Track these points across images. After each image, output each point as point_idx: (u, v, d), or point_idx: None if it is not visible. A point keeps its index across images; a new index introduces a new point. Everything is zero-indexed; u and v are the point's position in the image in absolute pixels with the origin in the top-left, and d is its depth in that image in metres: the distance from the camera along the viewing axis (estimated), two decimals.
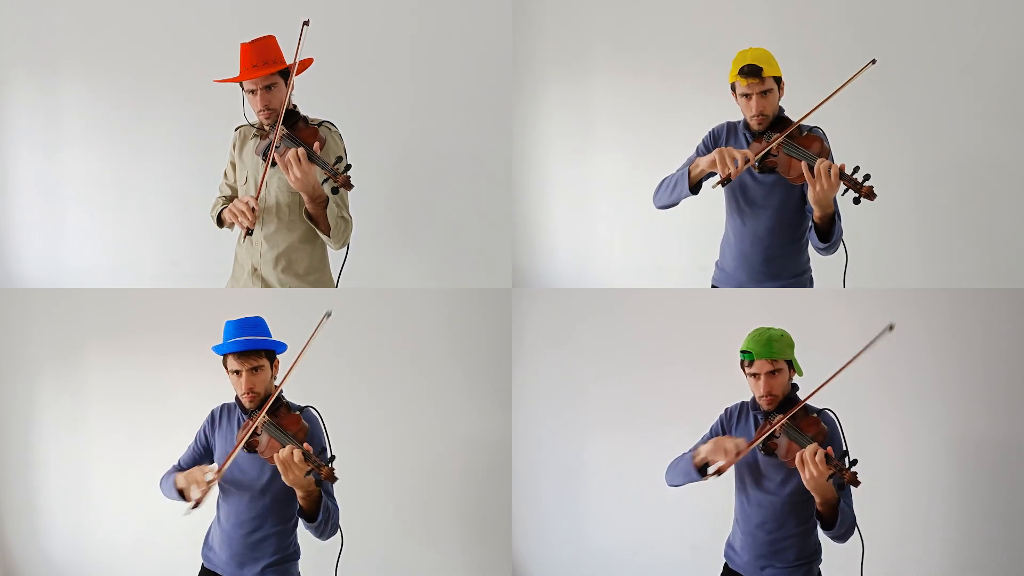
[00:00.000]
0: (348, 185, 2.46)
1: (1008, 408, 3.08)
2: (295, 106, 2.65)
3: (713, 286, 2.83)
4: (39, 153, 3.58)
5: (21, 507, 3.46)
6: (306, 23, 2.51)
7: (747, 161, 2.48)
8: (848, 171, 2.38)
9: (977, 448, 3.10)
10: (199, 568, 2.55)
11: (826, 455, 2.21)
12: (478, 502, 3.31)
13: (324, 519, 2.32)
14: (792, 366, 2.43)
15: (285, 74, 2.61)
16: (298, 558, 2.52)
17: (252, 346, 2.39)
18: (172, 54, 3.50)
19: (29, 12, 3.53)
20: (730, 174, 2.47)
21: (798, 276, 2.69)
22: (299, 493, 2.28)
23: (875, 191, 2.36)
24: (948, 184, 3.39)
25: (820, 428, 2.36)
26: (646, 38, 3.57)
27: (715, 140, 2.67)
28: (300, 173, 2.44)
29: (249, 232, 2.62)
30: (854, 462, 2.23)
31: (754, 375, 2.41)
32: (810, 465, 2.22)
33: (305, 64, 2.66)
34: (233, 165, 2.76)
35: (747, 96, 2.52)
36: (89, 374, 3.42)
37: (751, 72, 2.48)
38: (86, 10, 3.52)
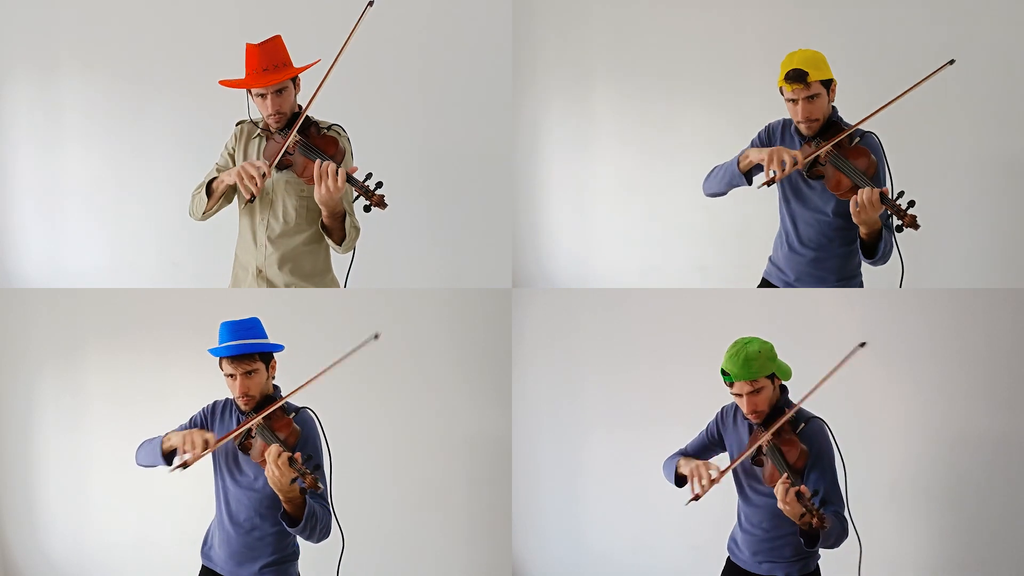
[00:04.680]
0: (382, 204, 2.44)
1: (1008, 407, 3.08)
2: (300, 106, 2.63)
3: (764, 279, 2.79)
4: (39, 153, 3.58)
5: (21, 507, 3.46)
6: (370, 3, 2.50)
7: (795, 164, 2.45)
8: (892, 196, 2.37)
9: (977, 447, 3.10)
10: (199, 568, 2.54)
11: (798, 493, 2.20)
12: (478, 502, 3.31)
13: (309, 525, 2.30)
14: (777, 375, 2.41)
15: (293, 76, 2.59)
16: (297, 558, 2.52)
17: (246, 350, 2.37)
18: (172, 53, 3.50)
19: (29, 10, 3.53)
20: (775, 175, 2.46)
21: (847, 279, 2.66)
22: (281, 497, 2.27)
23: (918, 221, 2.34)
24: (951, 183, 3.39)
25: (800, 450, 2.35)
26: (646, 40, 3.57)
27: (770, 135, 2.64)
28: (335, 188, 2.41)
29: (251, 200, 2.54)
30: (824, 502, 2.24)
31: (737, 395, 2.41)
32: (781, 503, 2.22)
33: (313, 66, 2.64)
34: (230, 157, 2.73)
35: (793, 101, 2.49)
36: (89, 374, 3.42)
37: (795, 77, 2.44)
38: (86, 9, 3.52)
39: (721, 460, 2.53)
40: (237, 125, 2.73)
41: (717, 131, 3.12)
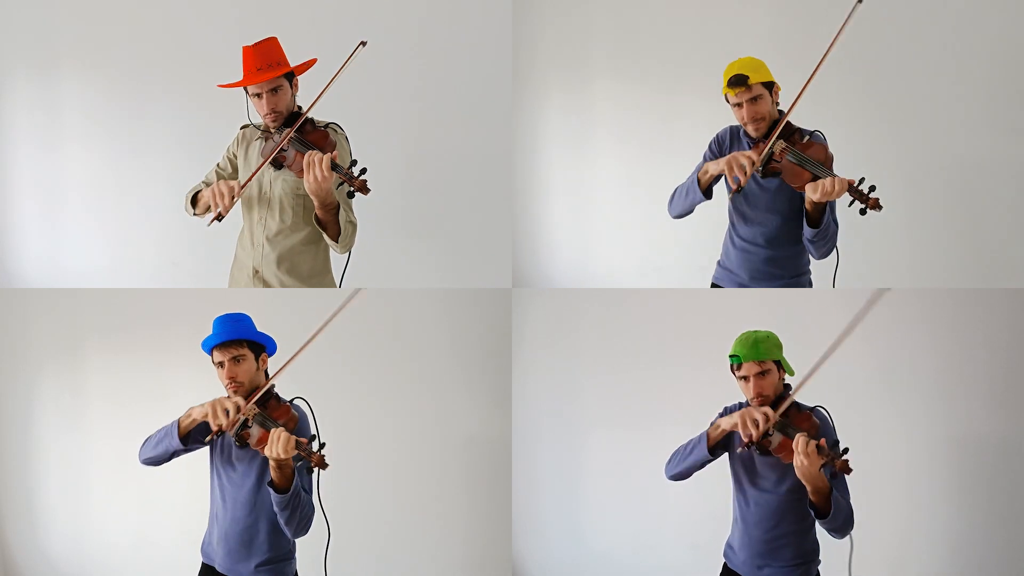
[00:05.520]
0: (365, 189, 2.44)
1: (1007, 408, 3.08)
2: (299, 107, 2.64)
3: (714, 284, 2.83)
4: (39, 153, 3.58)
5: (21, 507, 3.46)
6: (363, 43, 2.54)
7: (753, 164, 2.52)
8: (855, 184, 2.41)
9: (976, 447, 3.10)
10: (200, 565, 2.55)
11: (818, 446, 2.23)
12: (478, 502, 3.31)
13: (291, 503, 2.31)
14: (781, 366, 2.44)
15: (289, 75, 2.60)
16: (292, 557, 2.52)
17: (233, 335, 2.40)
18: (172, 53, 3.50)
19: (29, 10, 3.53)
20: (740, 183, 2.53)
21: (798, 276, 2.71)
22: (271, 464, 2.28)
23: (881, 203, 2.38)
24: (948, 184, 3.39)
25: (812, 423, 2.37)
26: (646, 41, 3.57)
27: (720, 145, 2.71)
28: (321, 176, 2.41)
29: (219, 218, 2.55)
30: (845, 450, 2.25)
31: (744, 378, 2.43)
32: (801, 455, 2.24)
33: (309, 64, 2.65)
34: (230, 160, 2.74)
35: (738, 105, 2.57)
36: (89, 374, 3.42)
37: (737, 82, 2.54)
38: (86, 9, 3.52)
39: (723, 460, 2.52)
40: (241, 129, 2.74)
41: (716, 131, 3.10)
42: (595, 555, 3.41)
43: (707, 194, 2.64)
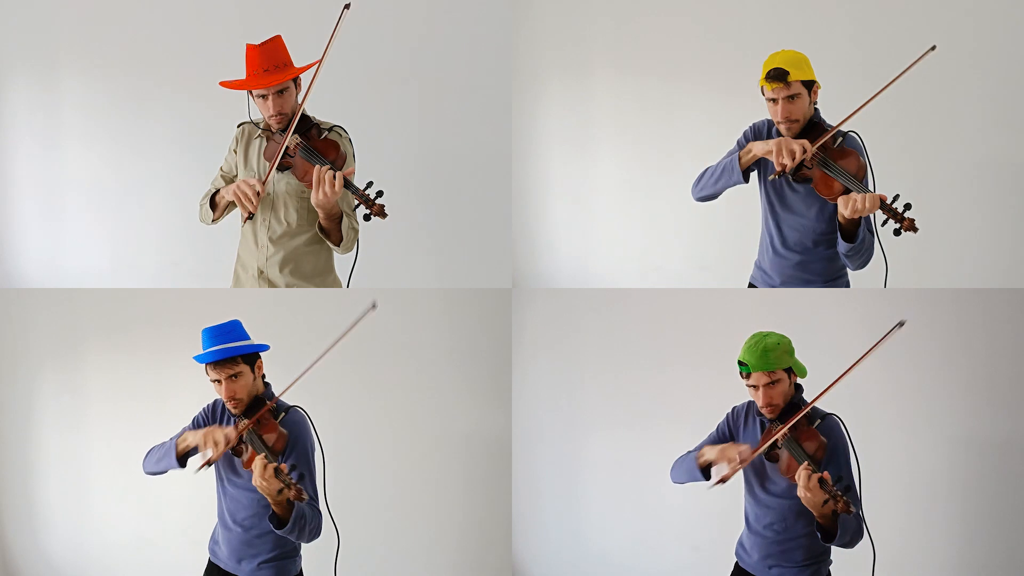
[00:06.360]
0: (383, 214, 2.42)
1: (1012, 408, 3.08)
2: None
3: (751, 284, 2.78)
4: (39, 152, 3.58)
5: (21, 507, 3.46)
6: (347, 6, 2.42)
7: (804, 152, 2.42)
8: (888, 200, 2.35)
9: (981, 448, 3.10)
10: (206, 562, 2.55)
11: (820, 479, 2.19)
12: (478, 502, 3.31)
13: (296, 527, 2.30)
14: (793, 371, 2.41)
15: (294, 77, 2.58)
16: (297, 554, 2.52)
17: (226, 355, 2.35)
18: (173, 52, 3.50)
19: (29, 10, 3.53)
20: (785, 166, 2.43)
21: (833, 280, 2.65)
22: (269, 500, 2.27)
23: (916, 224, 2.33)
24: (951, 184, 3.39)
25: (820, 442, 2.33)
26: (646, 38, 3.57)
27: (756, 135, 2.61)
28: (331, 193, 2.40)
29: (250, 217, 2.58)
30: (847, 488, 2.21)
31: (752, 386, 2.39)
32: (803, 489, 2.20)
33: (312, 66, 2.64)
34: (233, 161, 2.74)
35: (774, 101, 2.47)
36: (89, 374, 3.42)
37: (776, 76, 2.42)
38: (86, 9, 3.51)
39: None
40: (239, 127, 2.73)
41: (717, 131, 3.12)
42: (595, 555, 3.41)
43: (745, 176, 2.54)
